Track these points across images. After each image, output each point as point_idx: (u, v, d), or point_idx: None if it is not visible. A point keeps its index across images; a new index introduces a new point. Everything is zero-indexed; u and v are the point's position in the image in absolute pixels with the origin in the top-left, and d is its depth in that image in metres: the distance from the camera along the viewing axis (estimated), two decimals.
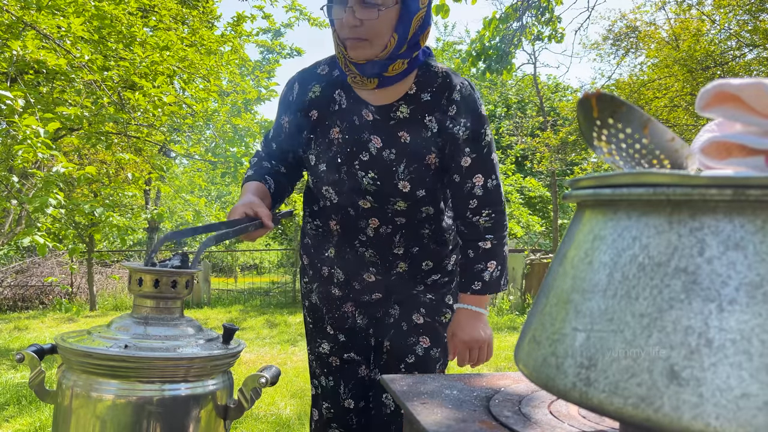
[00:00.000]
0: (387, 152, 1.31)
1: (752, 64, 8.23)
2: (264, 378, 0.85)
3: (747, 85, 0.52)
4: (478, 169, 1.34)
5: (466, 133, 1.31)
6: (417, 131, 1.30)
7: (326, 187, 1.38)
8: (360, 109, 1.33)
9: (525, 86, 15.58)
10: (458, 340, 1.40)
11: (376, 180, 1.32)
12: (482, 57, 5.74)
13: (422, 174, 1.32)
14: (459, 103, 1.31)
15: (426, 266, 1.45)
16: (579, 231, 0.57)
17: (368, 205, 1.36)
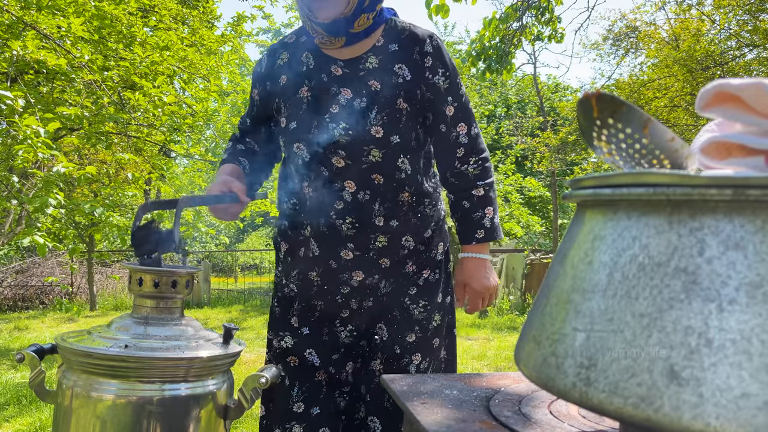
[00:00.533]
0: (357, 101, 1.32)
1: (752, 64, 8.23)
2: (264, 378, 0.85)
3: (747, 85, 0.52)
4: (460, 117, 1.38)
5: (446, 82, 1.35)
6: (387, 79, 1.32)
7: (297, 144, 1.36)
8: (329, 66, 1.35)
9: (525, 86, 15.58)
10: (470, 290, 1.44)
11: (348, 129, 1.31)
12: (482, 57, 5.74)
13: (394, 118, 1.32)
14: (433, 54, 1.35)
15: (406, 242, 1.39)
16: (579, 231, 0.57)
17: (342, 163, 1.32)
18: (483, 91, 14.52)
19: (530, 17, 5.59)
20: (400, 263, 1.40)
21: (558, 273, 0.57)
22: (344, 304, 1.42)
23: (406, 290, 1.43)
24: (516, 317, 8.08)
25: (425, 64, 1.34)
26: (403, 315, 1.42)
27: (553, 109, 14.22)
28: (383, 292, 1.42)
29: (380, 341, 1.43)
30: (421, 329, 1.44)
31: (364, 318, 1.43)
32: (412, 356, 1.43)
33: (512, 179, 9.72)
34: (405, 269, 1.41)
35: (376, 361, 1.42)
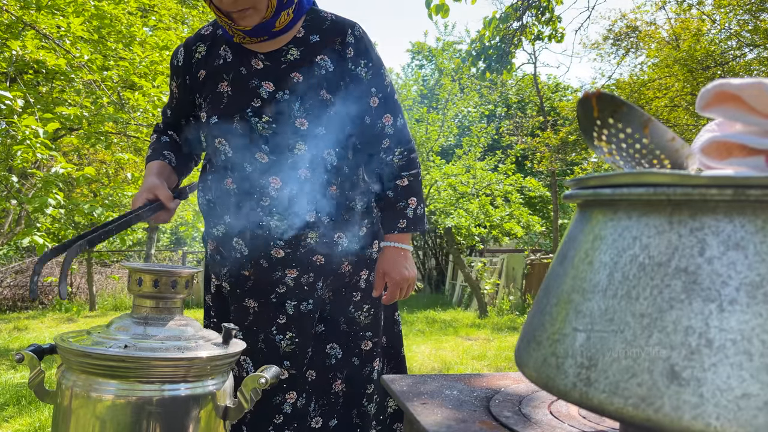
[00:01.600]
0: (280, 94, 1.29)
1: (752, 63, 8.23)
2: (264, 378, 0.85)
3: (747, 85, 0.52)
4: (386, 108, 1.37)
5: (369, 73, 1.34)
6: (309, 70, 1.30)
7: (219, 139, 1.32)
8: (248, 59, 1.32)
9: (525, 86, 15.57)
10: (390, 279, 1.39)
11: (271, 123, 1.28)
12: (482, 57, 5.74)
13: (319, 110, 1.29)
14: (355, 45, 1.33)
15: (339, 239, 1.35)
16: (579, 231, 0.56)
17: (266, 159, 1.28)
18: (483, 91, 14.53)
19: (530, 17, 5.59)
20: (335, 261, 1.36)
21: (558, 273, 0.57)
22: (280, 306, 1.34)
23: (350, 297, 1.39)
24: (516, 317, 8.08)
25: (347, 55, 1.32)
26: (351, 326, 1.40)
27: (553, 109, 14.22)
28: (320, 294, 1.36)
29: (335, 361, 1.39)
30: (374, 334, 1.42)
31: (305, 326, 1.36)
32: (373, 363, 1.41)
33: (512, 179, 9.71)
34: (341, 269, 1.37)
35: (336, 382, 1.38)
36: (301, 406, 1.36)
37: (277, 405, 1.34)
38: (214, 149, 1.34)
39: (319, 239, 1.32)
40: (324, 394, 1.38)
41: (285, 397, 1.34)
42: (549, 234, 13.59)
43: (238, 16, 1.22)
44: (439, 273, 13.52)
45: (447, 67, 12.03)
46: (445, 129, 10.04)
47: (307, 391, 1.37)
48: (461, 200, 9.26)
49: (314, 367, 1.38)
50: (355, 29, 1.35)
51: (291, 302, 1.34)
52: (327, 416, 1.37)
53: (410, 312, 8.96)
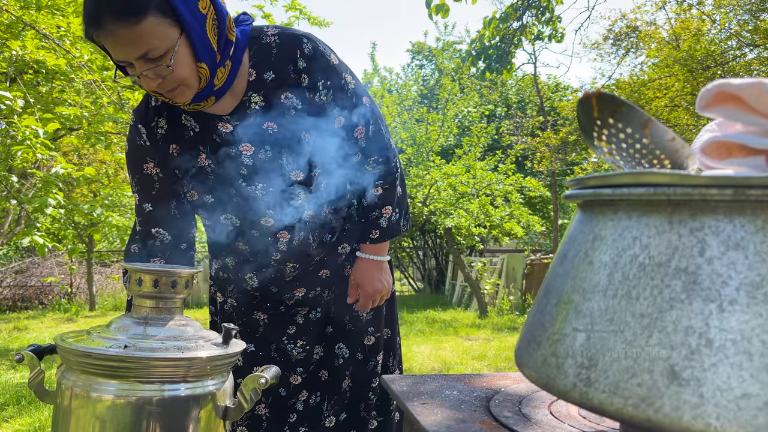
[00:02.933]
0: (263, 153, 1.21)
1: (753, 63, 8.22)
2: (264, 378, 0.85)
3: (747, 84, 0.52)
4: (354, 122, 1.27)
5: (329, 95, 1.23)
6: (280, 115, 1.20)
7: (224, 216, 1.27)
8: (215, 124, 1.21)
9: (525, 86, 15.56)
10: (363, 291, 1.37)
11: (268, 188, 1.22)
12: (482, 57, 5.73)
13: (305, 152, 1.23)
14: (307, 68, 1.20)
15: (343, 249, 1.38)
16: (579, 231, 0.56)
17: (272, 222, 1.26)
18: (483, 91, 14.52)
19: (530, 17, 5.59)
20: (339, 269, 1.39)
21: (558, 273, 0.57)
22: (290, 317, 1.37)
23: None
24: (516, 317, 8.08)
25: (302, 83, 1.20)
26: (356, 324, 1.41)
27: (553, 108, 14.22)
28: (326, 300, 1.39)
29: (343, 360, 1.41)
30: (376, 329, 1.44)
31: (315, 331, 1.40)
32: (376, 357, 1.44)
33: (512, 179, 9.71)
34: (344, 273, 1.40)
35: (345, 380, 1.40)
36: (314, 404, 1.39)
37: (291, 405, 1.38)
38: (218, 224, 1.29)
39: (325, 256, 1.35)
40: (335, 393, 1.41)
41: (298, 396, 1.39)
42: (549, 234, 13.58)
43: (170, 96, 1.11)
44: (439, 273, 13.52)
45: (447, 67, 12.03)
46: (445, 129, 10.03)
47: (321, 391, 1.41)
48: (461, 200, 9.26)
49: (326, 367, 1.41)
50: (305, 48, 1.20)
51: (301, 312, 1.39)
52: (338, 413, 1.40)
53: (410, 312, 8.96)
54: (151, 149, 1.24)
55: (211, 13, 1.08)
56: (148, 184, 1.26)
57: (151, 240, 1.27)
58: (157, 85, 1.07)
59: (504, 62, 5.67)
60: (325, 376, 1.41)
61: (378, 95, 10.70)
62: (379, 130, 1.32)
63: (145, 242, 1.27)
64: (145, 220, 1.27)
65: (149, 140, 1.24)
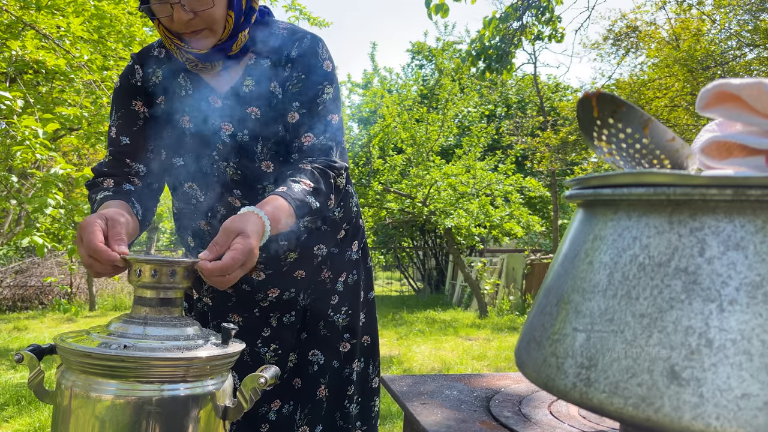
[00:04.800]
0: (240, 135, 1.19)
1: (753, 63, 8.23)
2: (263, 378, 0.85)
3: (747, 84, 0.52)
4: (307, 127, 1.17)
5: (297, 86, 1.18)
6: (265, 103, 1.19)
7: (189, 184, 1.24)
8: (206, 94, 1.20)
9: (525, 86, 15.56)
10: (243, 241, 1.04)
11: (237, 168, 1.20)
12: (482, 57, 5.73)
13: (279, 146, 1.20)
14: (296, 59, 1.19)
15: (318, 250, 1.32)
16: (579, 231, 0.56)
17: (239, 203, 1.22)
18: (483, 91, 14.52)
19: (530, 17, 5.59)
20: (316, 271, 1.34)
21: (558, 273, 0.57)
22: (264, 320, 1.33)
23: (328, 301, 1.37)
24: (516, 317, 8.08)
25: (285, 72, 1.19)
26: (331, 330, 1.37)
27: (553, 109, 14.22)
28: (302, 305, 1.35)
29: (318, 367, 1.37)
30: (352, 335, 1.40)
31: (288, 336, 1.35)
32: (352, 364, 1.40)
33: (512, 179, 9.71)
34: (321, 276, 1.35)
35: (320, 388, 1.36)
36: (287, 414, 1.35)
37: (262, 415, 1.33)
38: (182, 191, 1.26)
39: (299, 256, 1.30)
40: (309, 401, 1.37)
41: (270, 405, 1.34)
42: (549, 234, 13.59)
43: (191, 38, 1.11)
44: (439, 273, 13.52)
45: (447, 67, 12.03)
46: (445, 129, 10.03)
47: (294, 399, 1.36)
48: (461, 200, 9.26)
49: (299, 374, 1.37)
50: (304, 42, 1.20)
51: (274, 315, 1.33)
52: (313, 423, 1.36)
53: (410, 312, 8.96)
54: (141, 89, 1.24)
55: None
56: (132, 120, 1.23)
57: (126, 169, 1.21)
58: (188, 21, 1.08)
59: (504, 62, 5.67)
60: (298, 384, 1.37)
61: (378, 95, 10.69)
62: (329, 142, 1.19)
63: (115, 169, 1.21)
64: (120, 151, 1.21)
65: (142, 82, 1.23)
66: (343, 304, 1.38)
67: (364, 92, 12.76)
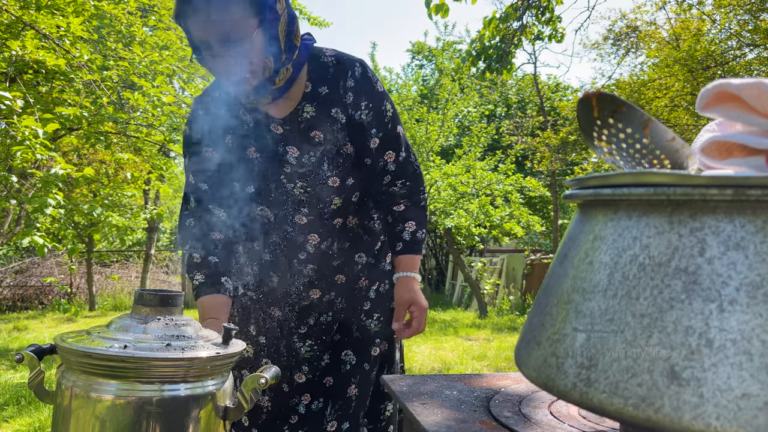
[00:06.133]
0: (306, 157, 1.31)
1: (753, 63, 8.23)
2: (264, 378, 0.85)
3: (747, 84, 0.52)
4: (386, 146, 1.36)
5: (369, 115, 1.33)
6: (327, 127, 1.31)
7: (261, 208, 1.37)
8: (268, 124, 1.32)
9: (525, 86, 15.56)
10: (417, 307, 1.37)
11: (307, 188, 1.33)
12: (482, 57, 5.73)
13: (345, 164, 1.33)
14: (354, 88, 1.31)
15: (359, 258, 1.45)
16: (579, 231, 0.56)
17: (304, 220, 1.36)
18: (483, 91, 14.52)
19: (530, 17, 5.59)
20: (355, 279, 1.45)
21: (558, 273, 0.57)
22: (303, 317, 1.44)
23: (361, 306, 1.46)
24: (516, 317, 8.08)
25: (347, 101, 1.31)
26: (363, 333, 1.45)
27: (553, 108, 14.22)
28: (339, 307, 1.45)
29: (350, 367, 1.44)
30: (382, 340, 1.47)
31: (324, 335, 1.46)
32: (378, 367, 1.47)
33: (512, 179, 9.71)
34: (358, 283, 1.46)
35: (351, 387, 1.43)
36: (317, 409, 1.42)
37: (292, 406, 1.43)
38: (253, 216, 1.38)
39: (342, 263, 1.42)
40: (340, 399, 1.43)
41: (300, 398, 1.43)
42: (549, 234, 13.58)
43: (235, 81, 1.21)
44: (439, 273, 13.52)
45: (447, 67, 12.03)
46: (445, 129, 10.04)
47: (324, 396, 1.43)
48: (461, 200, 9.26)
49: (331, 373, 1.45)
50: (356, 70, 1.32)
51: (313, 314, 1.44)
52: (341, 420, 1.42)
53: None
54: (210, 134, 1.34)
55: (284, 15, 1.20)
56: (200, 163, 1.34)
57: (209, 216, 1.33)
58: (228, 68, 1.17)
59: (504, 62, 5.67)
60: (330, 382, 1.44)
61: None
62: (409, 157, 1.41)
63: (206, 248, 1.32)
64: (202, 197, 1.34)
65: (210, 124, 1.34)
66: (375, 311, 1.46)
67: None
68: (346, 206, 1.38)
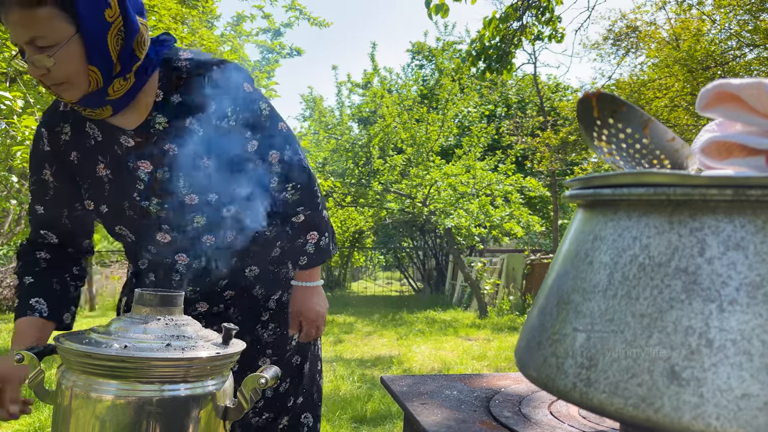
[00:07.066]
0: (160, 173, 1.19)
1: (753, 64, 8.23)
2: (264, 378, 0.85)
3: (747, 84, 0.52)
4: (268, 147, 1.24)
5: (240, 119, 1.20)
6: (182, 139, 1.18)
7: (118, 227, 1.26)
8: (117, 136, 1.19)
9: (525, 86, 15.56)
10: (305, 319, 1.36)
11: (162, 204, 1.20)
12: (482, 57, 5.74)
13: (203, 179, 1.20)
14: (214, 94, 1.18)
15: (251, 272, 1.33)
16: (579, 231, 0.56)
17: (168, 238, 1.23)
18: (483, 91, 14.52)
19: (530, 17, 5.59)
20: (247, 290, 1.34)
21: (558, 273, 0.57)
22: None
23: (259, 317, 1.36)
24: (516, 317, 8.08)
25: (208, 109, 1.18)
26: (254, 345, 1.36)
27: (553, 109, 14.22)
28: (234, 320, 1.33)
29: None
30: (274, 352, 1.37)
31: None
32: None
33: (512, 179, 9.70)
34: (253, 295, 1.35)
35: None
36: None
37: None
38: (116, 235, 1.28)
39: (230, 280, 1.31)
40: None
41: None
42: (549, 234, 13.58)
43: (56, 91, 1.10)
44: (439, 273, 13.52)
45: (447, 67, 12.03)
46: (445, 129, 10.04)
47: None
48: (461, 200, 9.26)
49: None
50: (213, 74, 1.18)
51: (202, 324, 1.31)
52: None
53: (410, 312, 8.96)
54: (51, 155, 1.24)
55: (117, 23, 1.08)
56: (43, 189, 1.27)
57: (40, 239, 1.29)
58: (41, 75, 1.07)
59: (504, 62, 5.67)
60: None
61: (378, 95, 10.69)
62: (297, 155, 1.29)
63: (33, 241, 1.30)
64: (35, 220, 1.30)
65: (50, 145, 1.24)
66: (273, 321, 1.37)
67: (364, 92, 12.75)
68: (216, 223, 1.23)
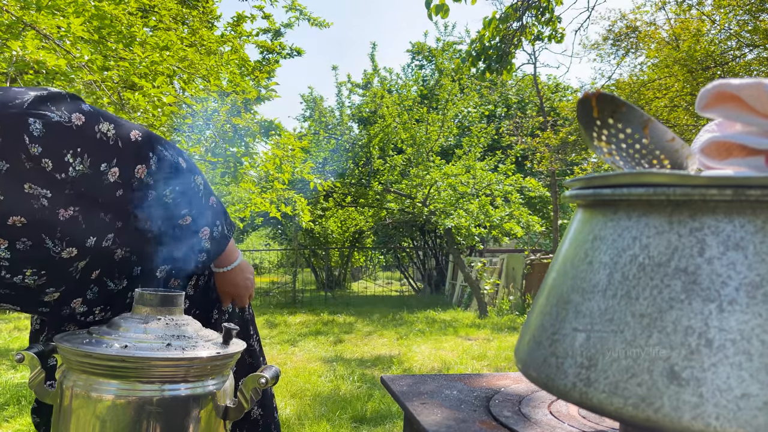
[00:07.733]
0: (20, 244, 0.98)
1: (752, 64, 8.22)
2: (264, 378, 0.85)
3: (747, 85, 0.52)
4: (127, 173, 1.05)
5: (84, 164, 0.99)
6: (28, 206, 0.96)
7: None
8: None
9: (525, 86, 15.55)
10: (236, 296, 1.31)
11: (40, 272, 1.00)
12: (482, 57, 5.73)
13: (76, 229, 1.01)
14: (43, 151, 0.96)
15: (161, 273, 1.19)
16: (579, 231, 0.56)
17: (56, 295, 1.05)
18: (483, 91, 14.51)
19: (530, 17, 5.59)
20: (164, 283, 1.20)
21: (558, 273, 0.57)
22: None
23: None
24: (516, 317, 8.08)
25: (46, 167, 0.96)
26: None
27: (553, 109, 14.21)
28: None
29: None
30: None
31: None
32: None
33: (512, 179, 9.70)
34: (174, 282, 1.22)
35: None
36: None
37: None
38: None
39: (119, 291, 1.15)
40: None
41: None
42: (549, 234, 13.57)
43: None
44: (439, 273, 13.51)
45: (447, 67, 12.03)
46: (445, 129, 10.03)
47: None
48: (461, 200, 9.26)
49: None
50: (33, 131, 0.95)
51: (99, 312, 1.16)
52: None
53: (410, 312, 8.96)
54: None
55: None
56: None
57: None
58: None
59: (504, 62, 5.67)
60: None
61: (378, 95, 10.69)
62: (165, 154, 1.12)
63: None
64: None
65: None
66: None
67: (364, 92, 12.74)
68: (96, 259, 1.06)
